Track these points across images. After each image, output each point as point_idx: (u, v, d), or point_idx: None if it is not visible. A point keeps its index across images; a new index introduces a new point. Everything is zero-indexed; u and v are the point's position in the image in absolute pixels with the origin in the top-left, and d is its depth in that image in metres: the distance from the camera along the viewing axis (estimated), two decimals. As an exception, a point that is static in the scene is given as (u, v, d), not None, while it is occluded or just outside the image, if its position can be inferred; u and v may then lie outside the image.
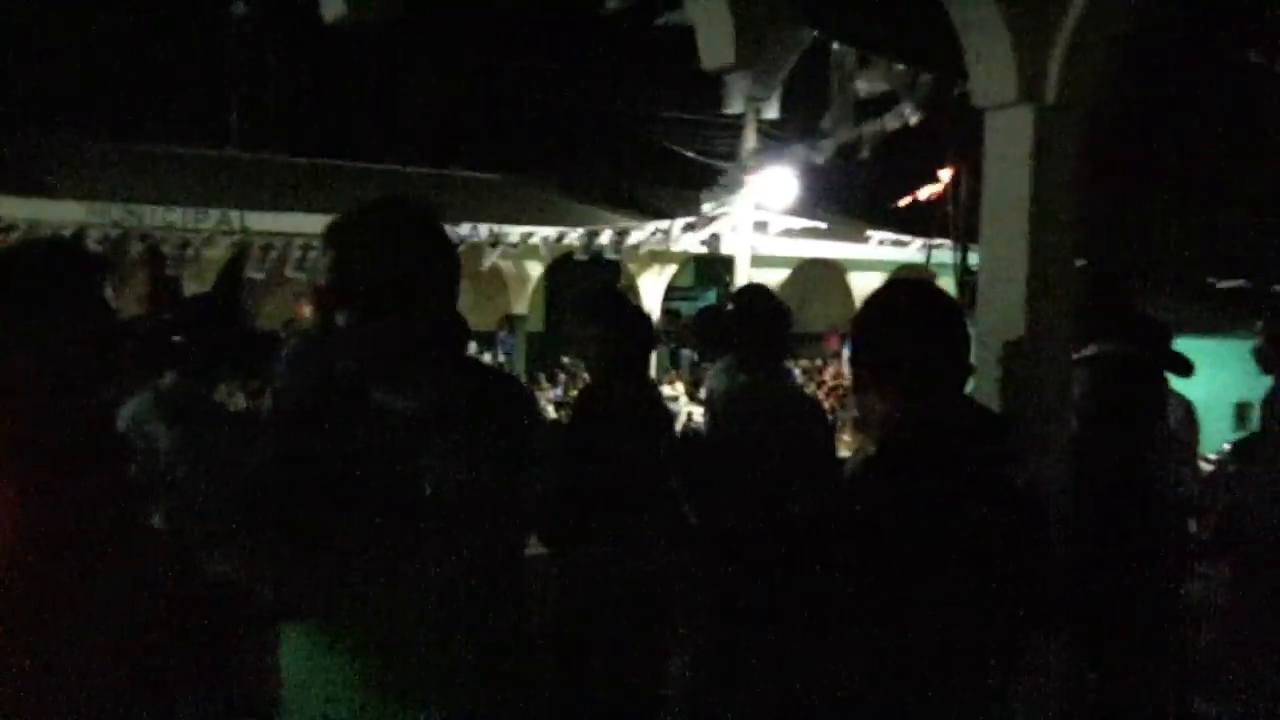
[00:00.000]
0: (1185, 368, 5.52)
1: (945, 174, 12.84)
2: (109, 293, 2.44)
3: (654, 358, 4.88)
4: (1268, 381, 5.55)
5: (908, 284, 2.56)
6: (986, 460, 2.29)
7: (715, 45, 3.63)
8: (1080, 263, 4.30)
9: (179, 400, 3.93)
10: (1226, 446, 10.57)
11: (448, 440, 2.39)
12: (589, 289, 5.12)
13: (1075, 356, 4.62)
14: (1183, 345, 5.40)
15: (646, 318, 4.70)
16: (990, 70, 4.10)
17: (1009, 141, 4.13)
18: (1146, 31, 4.84)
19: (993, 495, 2.25)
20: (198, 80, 24.09)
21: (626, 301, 4.75)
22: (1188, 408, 6.30)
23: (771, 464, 4.66)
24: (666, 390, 17.91)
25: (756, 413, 4.79)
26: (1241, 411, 22.25)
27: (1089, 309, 4.57)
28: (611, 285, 20.41)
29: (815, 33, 8.96)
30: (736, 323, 4.98)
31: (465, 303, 2.60)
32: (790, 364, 5.26)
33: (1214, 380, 6.06)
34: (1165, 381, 5.32)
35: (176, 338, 3.95)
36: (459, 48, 25.74)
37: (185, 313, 4.14)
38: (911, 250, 23.53)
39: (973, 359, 2.48)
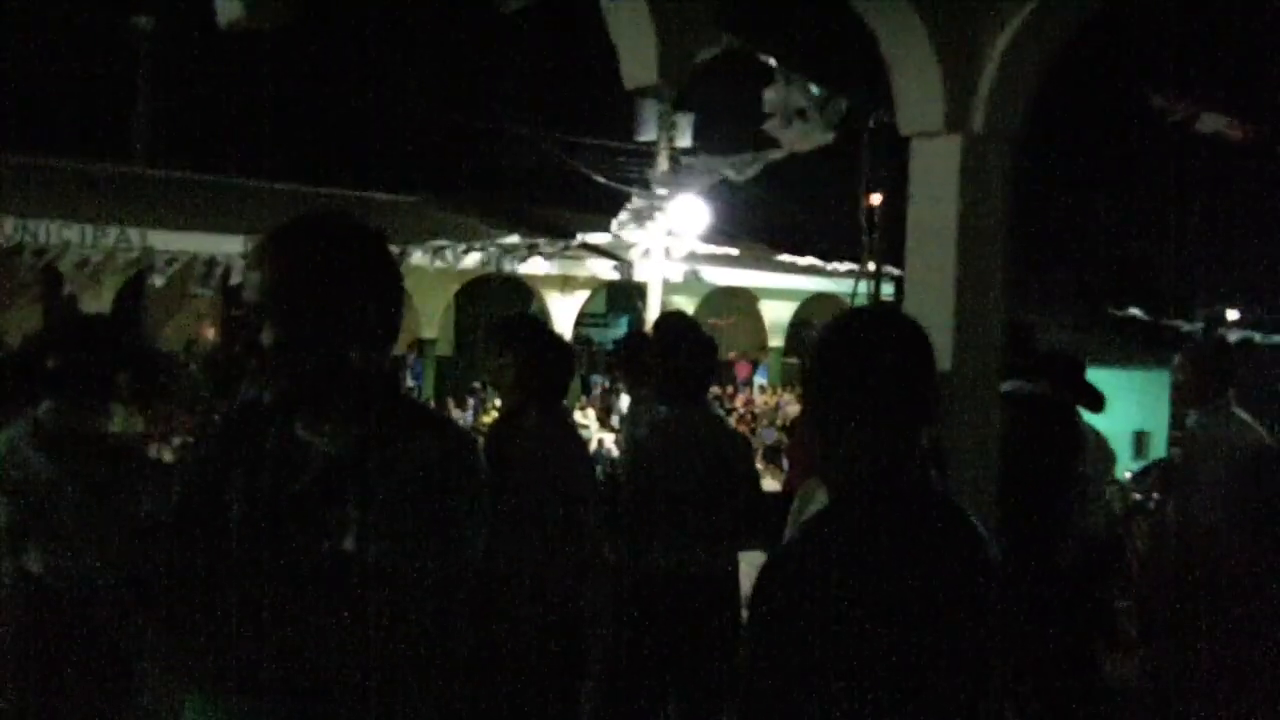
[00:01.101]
0: (1097, 402, 5.53)
1: (872, 199, 12.91)
2: None
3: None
4: (1163, 411, 5.57)
5: (875, 310, 2.41)
6: (948, 507, 2.13)
7: (637, 64, 3.51)
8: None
9: (58, 429, 3.60)
10: (1127, 475, 10.71)
11: (371, 487, 2.10)
12: (504, 314, 4.94)
13: None
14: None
15: (566, 345, 4.52)
16: (917, 98, 4.03)
17: (935, 170, 4.06)
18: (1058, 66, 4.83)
19: (963, 548, 2.07)
20: (100, 94, 23.52)
21: (543, 327, 4.59)
22: (1100, 440, 6.32)
23: (695, 500, 4.53)
24: (577, 417, 17.77)
25: (679, 447, 4.63)
26: (1140, 440, 22.78)
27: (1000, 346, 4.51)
28: (524, 310, 20.26)
29: (737, 43, 8.90)
30: (659, 353, 4.83)
31: None
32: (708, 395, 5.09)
33: (1113, 410, 6.13)
34: (1079, 417, 5.31)
35: (51, 361, 3.61)
36: (371, 67, 25.45)
37: (63, 334, 3.79)
38: (823, 279, 23.72)
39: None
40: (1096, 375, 5.89)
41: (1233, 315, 29.31)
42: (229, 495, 2.19)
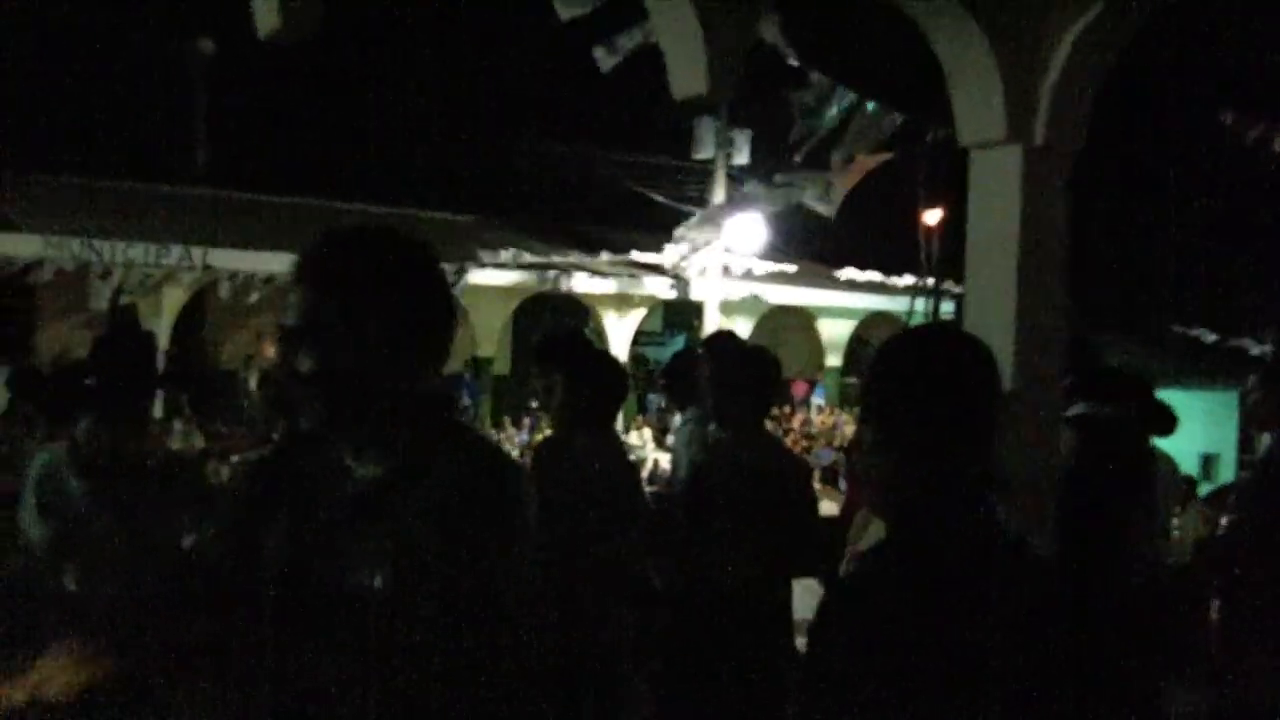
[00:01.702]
0: (1169, 424, 5.33)
1: (931, 216, 12.76)
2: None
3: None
4: (1230, 435, 5.36)
5: (936, 329, 2.28)
6: (1014, 545, 1.98)
7: (686, 74, 3.43)
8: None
9: (95, 450, 3.54)
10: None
11: (411, 517, 2.00)
12: (552, 332, 4.82)
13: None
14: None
15: (618, 365, 4.38)
16: (977, 109, 3.94)
17: (996, 182, 3.96)
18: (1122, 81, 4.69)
19: (1029, 591, 1.92)
20: (162, 117, 23.87)
21: (592, 346, 4.47)
22: (1171, 466, 6.12)
23: (747, 526, 4.37)
24: (633, 437, 17.67)
25: (732, 471, 4.44)
26: (1207, 462, 22.29)
27: (1067, 368, 4.37)
28: (578, 329, 20.23)
29: (796, 63, 8.82)
30: (712, 374, 4.67)
31: None
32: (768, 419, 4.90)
33: (1180, 432, 5.94)
34: (1149, 442, 5.12)
35: (89, 380, 3.55)
36: (427, 86, 25.63)
37: (103, 354, 3.71)
38: (881, 298, 23.50)
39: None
40: (1162, 397, 5.71)
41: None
42: (271, 526, 2.10)
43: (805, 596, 4.09)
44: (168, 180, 21.40)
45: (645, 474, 12.94)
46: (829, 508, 11.78)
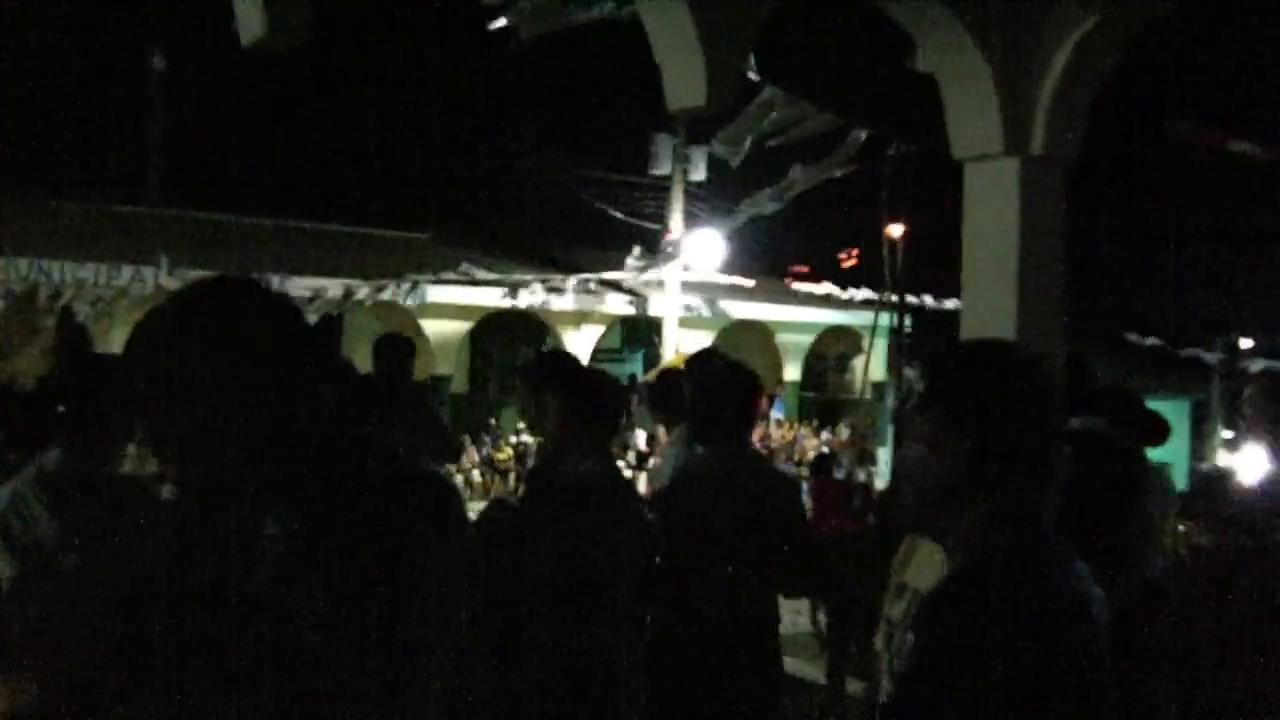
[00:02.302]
0: (1161, 435, 5.30)
1: (892, 229, 12.77)
2: None
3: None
4: (1182, 444, 5.30)
5: (1003, 344, 2.15)
6: (1084, 578, 1.91)
7: (684, 87, 3.35)
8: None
9: (64, 478, 3.33)
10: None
11: (334, 570, 1.89)
12: (545, 352, 4.71)
13: None
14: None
15: (615, 382, 4.27)
16: (973, 121, 3.88)
17: (993, 195, 3.90)
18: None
19: (1097, 626, 1.84)
20: (113, 135, 23.54)
21: (585, 366, 4.35)
22: (1162, 478, 6.06)
23: (734, 546, 4.25)
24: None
25: (718, 490, 4.32)
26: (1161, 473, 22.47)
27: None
28: (558, 349, 20.10)
29: (756, 78, 8.77)
30: (697, 393, 4.56)
31: None
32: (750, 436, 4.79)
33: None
34: (1142, 455, 5.08)
35: (61, 407, 3.34)
36: (382, 103, 25.45)
37: (73, 377, 3.50)
38: (839, 312, 23.56)
39: None
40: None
41: (1246, 344, 29.04)
42: (182, 593, 1.99)
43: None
44: (119, 199, 21.07)
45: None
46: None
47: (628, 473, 17.74)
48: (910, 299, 16.67)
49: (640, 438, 20.13)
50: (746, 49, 3.43)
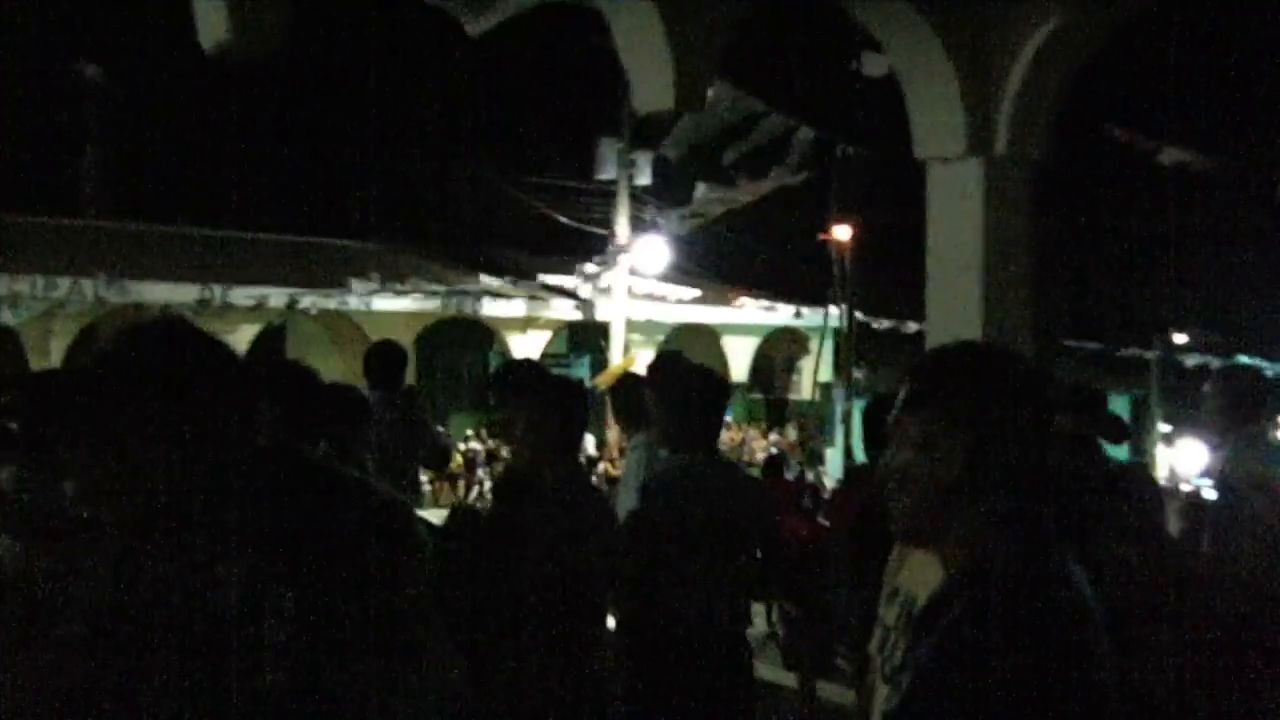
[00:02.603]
0: (1120, 433, 5.35)
1: (838, 234, 12.82)
2: None
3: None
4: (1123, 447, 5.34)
5: (993, 345, 2.13)
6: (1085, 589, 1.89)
7: (653, 89, 3.32)
8: None
9: (21, 502, 3.20)
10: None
11: (285, 600, 1.89)
12: (512, 361, 4.66)
13: None
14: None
15: (578, 391, 4.22)
16: (936, 122, 3.88)
17: (956, 196, 3.90)
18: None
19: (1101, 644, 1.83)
20: (48, 146, 23.10)
21: (552, 375, 4.31)
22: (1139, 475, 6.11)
23: (706, 553, 4.22)
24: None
25: (687, 496, 4.28)
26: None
27: None
28: (487, 352, 20.01)
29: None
30: (663, 397, 4.52)
31: (335, 373, 2.14)
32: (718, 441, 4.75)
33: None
34: (1104, 452, 5.12)
35: (13, 425, 3.22)
36: (326, 111, 25.22)
37: (25, 394, 3.37)
38: (785, 314, 23.64)
39: None
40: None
41: (1180, 339, 29.56)
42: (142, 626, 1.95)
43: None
44: (55, 211, 20.69)
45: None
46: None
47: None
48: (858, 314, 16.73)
49: (589, 442, 20.07)
50: (717, 50, 3.40)
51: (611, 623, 4.26)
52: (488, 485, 13.14)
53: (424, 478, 19.18)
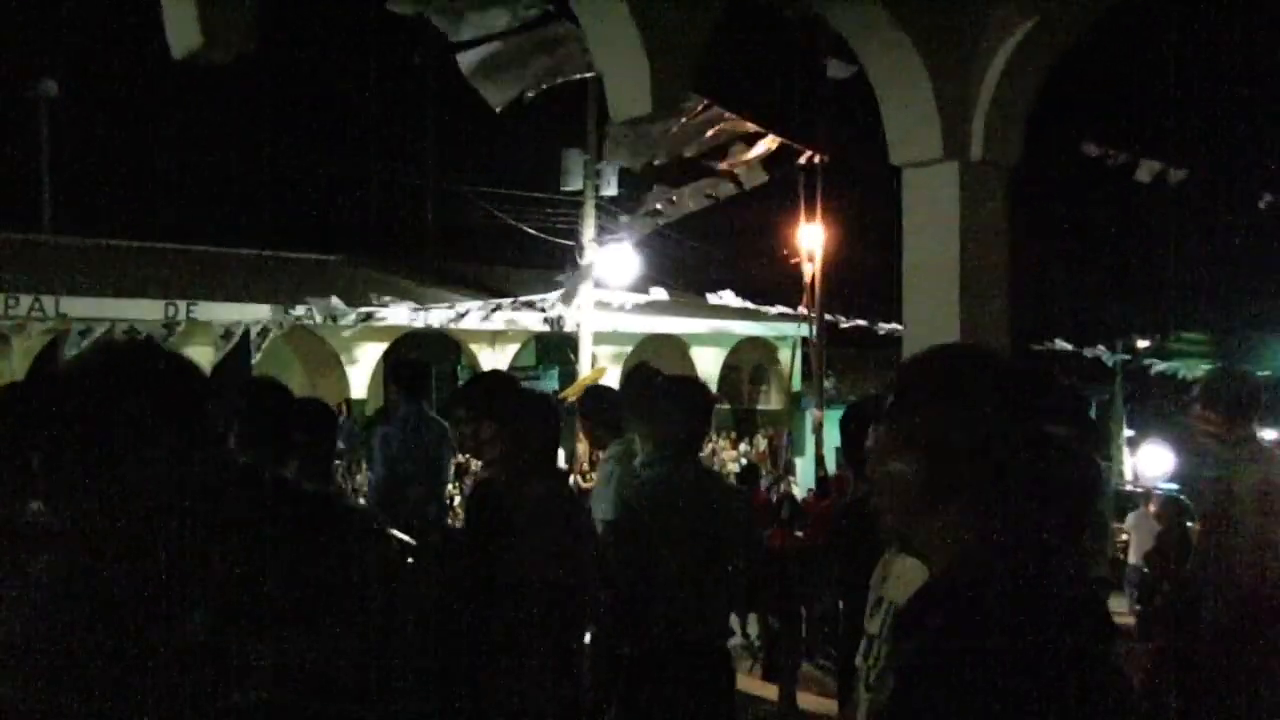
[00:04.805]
0: (1099, 440, 5.35)
1: (807, 240, 12.80)
2: None
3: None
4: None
5: (972, 348, 2.10)
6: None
7: (629, 96, 3.28)
8: None
9: None
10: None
11: (255, 621, 1.90)
12: (483, 374, 4.60)
13: None
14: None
15: (550, 401, 4.18)
16: (912, 128, 3.87)
17: (932, 201, 3.90)
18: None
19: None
20: (5, 162, 22.86)
21: (522, 388, 4.24)
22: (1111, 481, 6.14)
23: (688, 565, 4.17)
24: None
25: (669, 508, 4.22)
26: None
27: None
28: (457, 365, 19.91)
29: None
30: (641, 408, 4.46)
31: (303, 388, 2.09)
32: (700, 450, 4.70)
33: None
34: (1093, 456, 5.10)
35: None
36: (294, 127, 25.10)
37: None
38: (753, 324, 23.64)
39: None
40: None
41: (1143, 344, 29.84)
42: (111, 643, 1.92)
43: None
44: (14, 228, 20.46)
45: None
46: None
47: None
48: (827, 317, 16.73)
49: (559, 456, 20.00)
50: (694, 54, 3.37)
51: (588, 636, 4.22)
52: (458, 500, 13.02)
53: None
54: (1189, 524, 6.69)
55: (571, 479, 19.27)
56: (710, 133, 8.98)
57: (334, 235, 23.33)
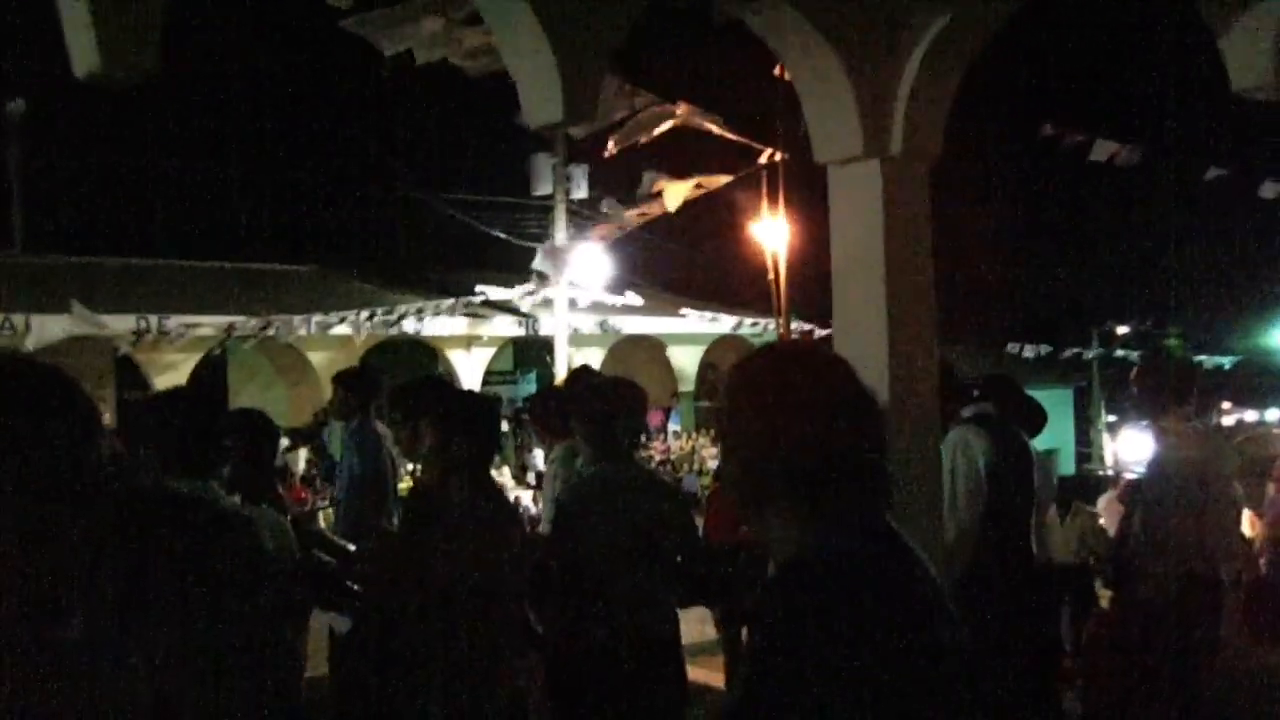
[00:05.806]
0: (1039, 423, 5.43)
1: (771, 239, 12.82)
2: None
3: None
4: (1067, 430, 5.58)
5: (798, 348, 2.14)
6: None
7: (541, 102, 3.30)
8: None
9: None
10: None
11: (130, 624, 1.93)
12: (415, 379, 4.63)
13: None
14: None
15: (488, 404, 4.21)
16: (833, 126, 3.90)
17: (856, 198, 3.93)
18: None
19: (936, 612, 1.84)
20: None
21: (454, 388, 4.29)
22: (1043, 461, 6.21)
23: (629, 561, 4.22)
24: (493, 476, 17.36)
25: (608, 505, 4.30)
26: (1049, 457, 23.05)
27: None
28: (432, 373, 19.88)
29: (628, 87, 8.72)
30: (580, 409, 4.53)
31: (279, 399, 2.13)
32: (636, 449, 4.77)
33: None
34: (1025, 438, 5.19)
35: None
36: (263, 138, 25.05)
37: None
38: (729, 322, 23.68)
39: None
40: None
41: (1123, 330, 30.00)
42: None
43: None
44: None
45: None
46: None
47: (528, 494, 17.60)
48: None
49: (539, 457, 20.01)
50: (604, 59, 3.39)
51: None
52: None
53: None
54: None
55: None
56: (661, 129, 9.00)
57: (304, 246, 23.28)
